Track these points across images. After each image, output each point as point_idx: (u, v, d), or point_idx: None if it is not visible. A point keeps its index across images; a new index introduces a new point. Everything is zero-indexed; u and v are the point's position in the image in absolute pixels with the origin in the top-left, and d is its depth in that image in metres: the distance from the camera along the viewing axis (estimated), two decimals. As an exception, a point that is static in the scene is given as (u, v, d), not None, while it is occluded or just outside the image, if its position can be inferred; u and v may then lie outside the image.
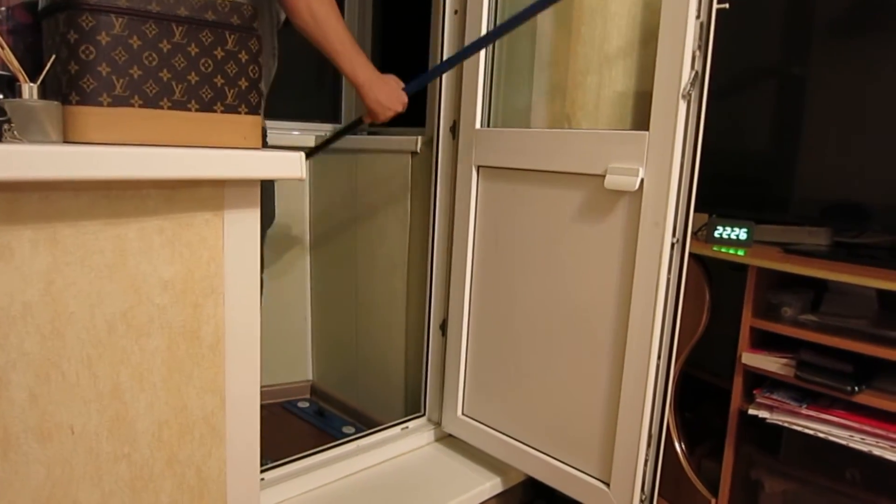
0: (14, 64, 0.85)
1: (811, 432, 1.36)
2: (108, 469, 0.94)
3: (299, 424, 2.21)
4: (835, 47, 1.56)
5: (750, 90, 1.71)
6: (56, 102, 0.85)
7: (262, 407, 1.11)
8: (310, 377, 2.46)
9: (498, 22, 1.64)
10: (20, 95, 0.84)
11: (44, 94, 0.86)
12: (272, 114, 1.57)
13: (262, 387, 1.10)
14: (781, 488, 1.53)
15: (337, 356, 2.34)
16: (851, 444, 1.31)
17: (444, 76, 1.73)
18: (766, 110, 1.68)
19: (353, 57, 1.45)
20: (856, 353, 1.32)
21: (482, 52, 1.61)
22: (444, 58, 1.72)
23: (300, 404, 2.36)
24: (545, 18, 1.65)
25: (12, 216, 0.81)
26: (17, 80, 0.85)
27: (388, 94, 1.51)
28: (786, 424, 1.40)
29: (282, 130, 2.18)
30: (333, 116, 2.39)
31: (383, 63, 2.37)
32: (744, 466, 1.56)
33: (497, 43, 1.67)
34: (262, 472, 1.49)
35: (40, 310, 0.85)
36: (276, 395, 2.39)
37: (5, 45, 0.85)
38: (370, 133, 2.33)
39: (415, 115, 1.97)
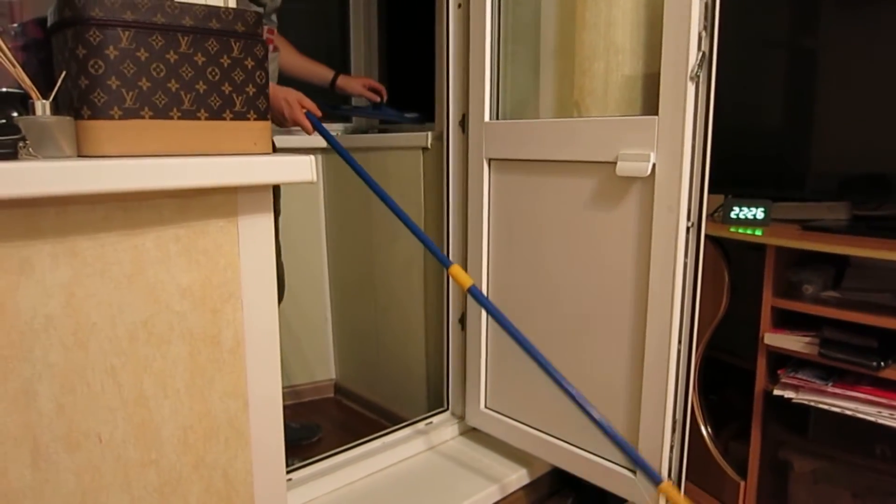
0: (26, 82, 0.86)
1: (838, 410, 1.35)
2: (137, 475, 0.96)
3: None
4: (845, 15, 1.53)
5: (760, 65, 1.69)
6: (69, 117, 0.86)
7: (287, 407, 1.12)
8: (333, 376, 2.48)
9: (501, 16, 1.64)
10: (33, 112, 0.86)
11: (56, 109, 0.88)
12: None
13: (287, 387, 1.11)
14: (811, 467, 1.52)
15: (359, 354, 2.36)
16: (880, 421, 1.29)
17: (452, 69, 1.73)
18: (778, 85, 1.66)
19: None
20: (880, 328, 1.30)
21: (487, 44, 1.61)
22: (450, 53, 1.72)
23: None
24: (549, 7, 1.64)
25: (31, 231, 0.83)
26: (30, 97, 0.86)
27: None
28: (812, 403, 1.38)
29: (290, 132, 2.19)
30: (343, 116, 2.39)
31: (390, 59, 2.38)
32: (772, 447, 1.55)
33: (502, 34, 1.66)
34: (288, 472, 1.51)
35: (63, 322, 0.87)
36: (302, 395, 2.41)
37: (17, 64, 0.86)
38: (380, 131, 2.34)
39: (424, 111, 1.98)
